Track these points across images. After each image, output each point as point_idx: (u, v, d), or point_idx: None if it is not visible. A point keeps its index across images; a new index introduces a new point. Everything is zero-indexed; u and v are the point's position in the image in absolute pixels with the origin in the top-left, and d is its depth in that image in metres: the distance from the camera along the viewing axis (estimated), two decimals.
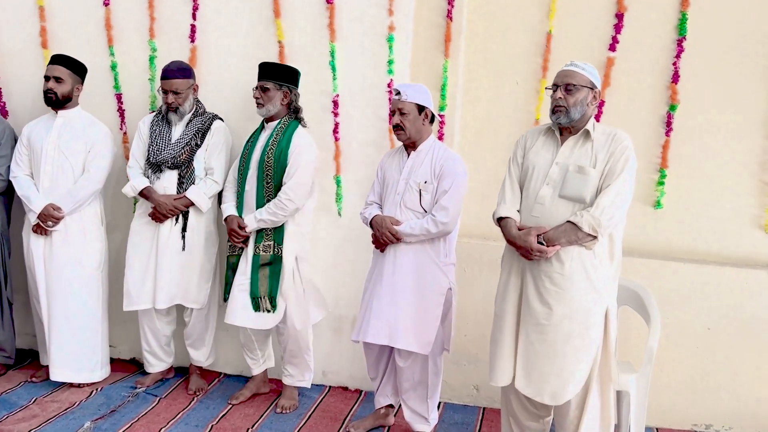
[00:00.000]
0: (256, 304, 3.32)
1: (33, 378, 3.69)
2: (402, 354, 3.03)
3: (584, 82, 2.60)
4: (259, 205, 3.33)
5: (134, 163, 3.56)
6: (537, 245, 2.54)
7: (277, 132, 3.34)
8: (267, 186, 3.31)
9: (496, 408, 3.55)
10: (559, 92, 2.61)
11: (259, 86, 3.33)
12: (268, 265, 3.33)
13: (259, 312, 3.33)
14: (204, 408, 3.47)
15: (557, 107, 2.61)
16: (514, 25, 3.63)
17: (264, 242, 3.33)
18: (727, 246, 3.51)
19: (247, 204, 3.37)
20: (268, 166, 3.29)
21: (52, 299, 3.51)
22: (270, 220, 3.30)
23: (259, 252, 3.34)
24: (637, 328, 3.22)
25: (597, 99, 2.66)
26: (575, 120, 2.61)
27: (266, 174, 3.30)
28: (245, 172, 3.37)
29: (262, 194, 3.32)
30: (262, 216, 3.29)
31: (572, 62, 2.66)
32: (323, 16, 3.58)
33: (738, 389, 3.40)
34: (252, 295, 3.32)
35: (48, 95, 3.48)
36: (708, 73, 3.46)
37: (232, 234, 3.36)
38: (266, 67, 3.35)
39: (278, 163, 3.29)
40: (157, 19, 3.75)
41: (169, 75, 3.44)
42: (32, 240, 3.52)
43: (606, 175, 2.54)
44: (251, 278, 3.32)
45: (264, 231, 3.33)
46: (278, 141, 3.31)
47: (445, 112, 3.60)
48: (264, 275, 3.33)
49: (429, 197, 2.98)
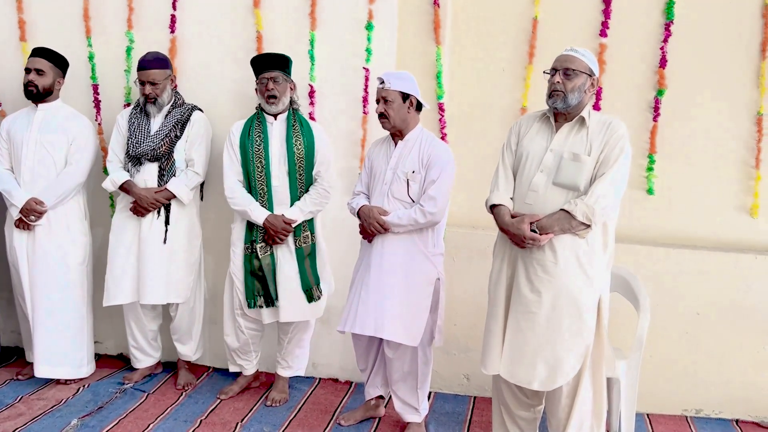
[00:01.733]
0: (309, 295, 3.32)
1: (19, 376, 3.65)
2: (390, 345, 3.01)
3: (583, 68, 2.58)
4: (294, 198, 3.29)
5: (114, 157, 3.50)
6: (530, 233, 2.53)
7: (294, 125, 3.29)
8: (300, 179, 3.29)
9: (487, 397, 3.55)
10: (558, 76, 2.58)
11: (270, 78, 3.22)
12: (309, 255, 3.34)
13: (312, 302, 3.32)
14: (193, 403, 3.44)
15: (555, 91, 2.58)
16: (501, 11, 3.60)
17: (303, 234, 3.32)
18: (715, 231, 3.52)
19: (278, 199, 3.29)
20: (300, 159, 3.26)
21: (36, 295, 3.46)
22: (316, 211, 3.31)
23: (300, 245, 3.32)
24: (627, 314, 3.22)
25: (594, 86, 2.63)
26: (572, 106, 2.58)
27: (298, 167, 3.27)
28: (267, 168, 3.27)
29: (295, 187, 3.29)
30: (309, 207, 3.28)
31: (572, 47, 2.64)
32: (305, 4, 3.53)
33: (727, 374, 3.41)
34: (305, 288, 3.31)
35: (28, 88, 3.41)
36: (695, 57, 3.44)
37: (281, 233, 3.24)
38: (272, 58, 3.25)
39: (309, 155, 3.27)
40: (136, 10, 3.69)
41: (146, 65, 3.38)
42: (15, 235, 3.47)
43: (600, 164, 2.52)
44: (300, 271, 3.30)
45: (300, 223, 3.30)
46: (303, 134, 3.28)
47: (443, 100, 3.56)
48: (308, 266, 3.33)
49: (417, 187, 2.95)
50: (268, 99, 3.24)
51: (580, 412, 2.61)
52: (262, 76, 3.24)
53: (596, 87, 2.65)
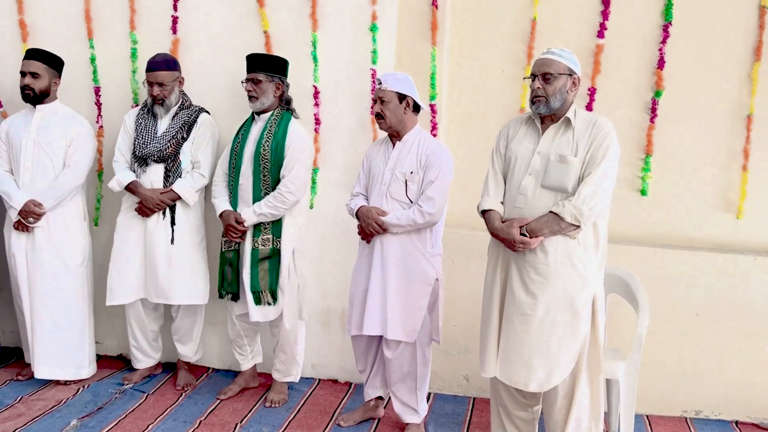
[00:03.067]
0: (257, 297, 3.31)
1: (18, 376, 3.65)
2: (390, 345, 3.02)
3: (562, 70, 2.56)
4: (256, 198, 3.28)
5: (120, 158, 3.52)
6: (520, 237, 2.53)
7: (271, 124, 3.29)
8: (264, 179, 3.27)
9: (487, 398, 3.54)
10: (537, 82, 2.57)
11: (250, 79, 3.26)
12: (267, 258, 3.31)
13: (260, 305, 3.31)
14: (192, 403, 3.44)
15: (536, 97, 2.58)
16: (499, 12, 3.61)
17: (262, 236, 3.30)
18: (713, 232, 3.51)
19: (242, 198, 3.32)
20: (265, 159, 3.25)
21: (35, 296, 3.46)
22: (270, 214, 3.26)
23: (257, 246, 3.30)
24: (626, 315, 3.22)
25: (577, 85, 2.62)
26: (555, 109, 2.58)
27: (263, 167, 3.26)
28: (238, 165, 3.31)
29: (259, 188, 3.28)
30: (262, 210, 3.25)
31: (549, 49, 2.62)
32: (305, 5, 3.54)
33: (727, 375, 3.41)
34: (253, 289, 3.30)
35: (25, 92, 3.42)
36: (692, 59, 3.44)
37: (229, 229, 3.30)
38: (256, 58, 3.28)
39: (275, 155, 3.25)
40: (138, 11, 3.70)
41: (155, 67, 3.39)
42: (14, 237, 3.47)
43: (587, 163, 2.52)
44: (251, 273, 3.30)
45: (262, 225, 3.30)
46: (274, 133, 3.27)
47: (435, 102, 3.57)
48: (264, 269, 3.31)
49: (415, 187, 2.96)
50: (249, 98, 3.29)
51: (577, 412, 2.61)
52: (246, 76, 3.29)
53: (578, 85, 2.63)
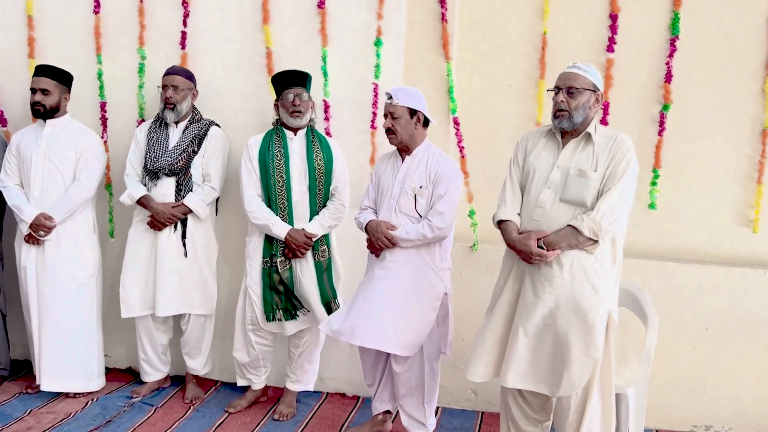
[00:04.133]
0: (328, 308, 3.34)
1: (28, 389, 3.66)
2: (398, 359, 3.01)
3: (586, 85, 2.57)
4: (313, 213, 3.33)
5: (131, 171, 3.54)
6: (537, 249, 2.52)
7: (313, 141, 3.33)
8: (319, 194, 3.33)
9: (495, 412, 3.54)
10: (561, 95, 2.57)
11: (297, 94, 3.26)
12: (326, 269, 3.38)
13: (331, 315, 3.31)
14: (200, 417, 3.44)
15: (559, 111, 2.58)
16: (508, 26, 3.62)
17: (321, 248, 3.36)
18: (722, 245, 3.50)
19: (298, 214, 3.32)
20: (321, 174, 3.30)
21: (45, 308, 3.48)
22: (333, 225, 3.36)
23: (319, 259, 3.35)
24: (635, 329, 3.20)
25: (600, 101, 2.61)
26: (578, 124, 2.58)
27: (318, 182, 3.31)
28: (288, 182, 3.29)
29: (315, 202, 3.33)
30: (328, 222, 3.32)
31: (575, 64, 2.62)
32: (315, 21, 3.57)
33: (737, 389, 3.39)
34: (324, 301, 3.33)
35: (36, 108, 3.45)
36: (700, 72, 3.45)
37: (303, 247, 3.26)
38: (297, 74, 3.28)
39: (328, 171, 3.32)
40: (147, 27, 3.73)
41: (172, 71, 3.47)
42: (24, 250, 3.50)
43: (607, 179, 2.52)
44: (319, 285, 3.34)
45: (318, 238, 3.34)
46: (322, 150, 3.33)
47: (456, 114, 3.59)
48: (326, 280, 3.37)
49: (424, 202, 2.97)
50: (293, 113, 3.26)
51: (588, 427, 2.59)
52: (287, 92, 3.27)
53: (601, 102, 2.63)
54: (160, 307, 3.48)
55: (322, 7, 3.53)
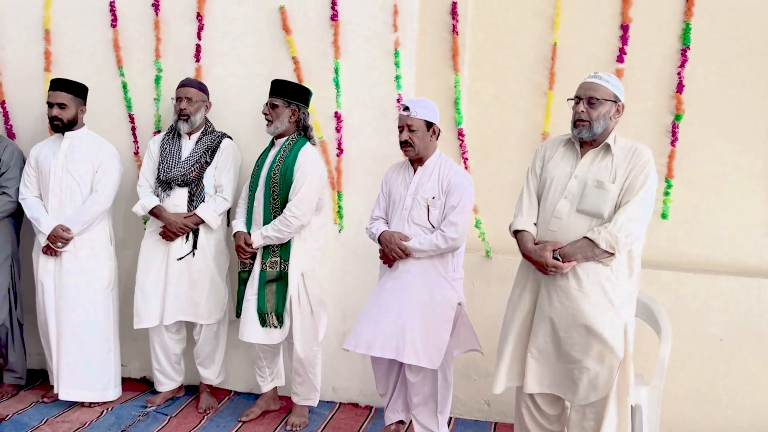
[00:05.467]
0: (263, 319, 3.32)
1: (44, 398, 3.69)
2: (413, 369, 3.02)
3: (608, 96, 2.55)
4: (266, 221, 3.33)
5: (144, 182, 3.59)
6: (552, 260, 2.51)
7: (285, 148, 3.35)
8: (273, 202, 3.32)
9: (508, 423, 3.53)
10: (582, 105, 2.56)
11: (268, 102, 3.35)
12: (275, 281, 3.34)
13: (266, 327, 3.33)
14: (214, 426, 3.46)
15: (579, 121, 2.56)
16: (519, 38, 3.65)
17: (271, 258, 3.34)
18: (736, 256, 3.49)
19: (255, 220, 3.38)
20: (275, 182, 3.30)
21: (62, 319, 3.51)
22: (275, 237, 3.30)
23: (266, 268, 3.34)
24: (649, 340, 3.20)
25: (620, 113, 2.60)
26: (597, 134, 2.56)
27: (272, 190, 3.31)
28: (254, 188, 3.39)
29: (269, 210, 3.33)
30: (268, 233, 3.29)
31: (596, 74, 2.61)
32: (328, 33, 3.61)
33: (751, 400, 3.37)
34: (259, 311, 3.32)
35: (54, 123, 3.51)
36: (713, 81, 3.45)
37: (239, 250, 3.38)
38: (277, 84, 3.36)
39: (284, 179, 3.29)
40: (163, 40, 3.79)
41: (186, 83, 3.53)
42: (42, 261, 3.54)
43: (625, 191, 2.50)
44: (258, 294, 3.33)
45: (271, 247, 3.34)
46: (285, 157, 3.32)
47: (462, 126, 3.60)
48: (271, 291, 3.33)
49: (437, 212, 2.99)
50: (266, 122, 3.37)
51: None
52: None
53: (621, 113, 2.61)
54: (168, 316, 3.51)
55: (335, 19, 3.57)
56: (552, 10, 3.57)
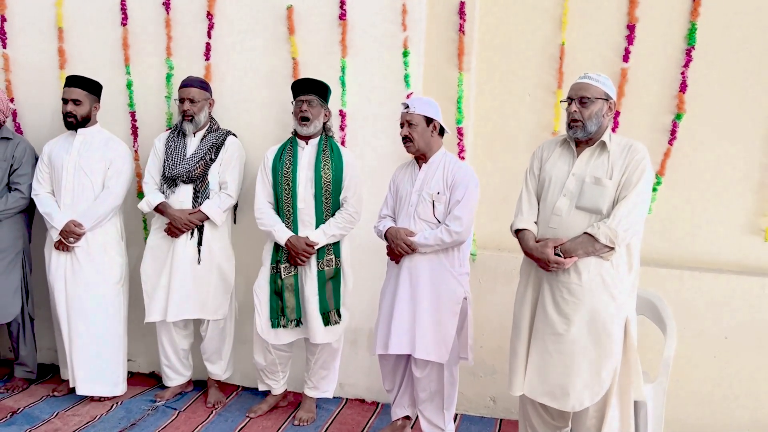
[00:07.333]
0: (326, 318, 3.36)
1: (55, 392, 3.74)
2: (419, 364, 3.05)
3: (598, 94, 2.61)
4: (319, 221, 3.35)
5: (150, 179, 3.62)
6: (554, 257, 2.56)
7: (324, 149, 3.36)
8: (326, 202, 3.34)
9: (513, 419, 3.55)
10: (574, 105, 2.61)
11: (305, 100, 3.31)
12: (332, 279, 3.38)
13: (329, 326, 3.36)
14: (223, 421, 3.50)
15: (573, 121, 2.62)
16: (526, 37, 3.66)
17: (326, 257, 3.37)
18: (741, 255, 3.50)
19: (303, 222, 3.35)
20: (327, 183, 3.32)
21: (75, 314, 3.56)
22: (340, 234, 3.35)
23: (323, 267, 3.36)
24: (653, 337, 3.21)
25: (612, 110, 2.65)
26: (591, 133, 2.62)
27: (325, 191, 3.33)
28: (293, 190, 3.34)
29: (321, 210, 3.35)
30: (333, 231, 3.33)
31: (586, 74, 2.67)
32: (335, 32, 3.64)
33: (756, 398, 3.37)
34: (322, 311, 3.35)
35: (68, 119, 3.55)
36: (715, 81, 3.46)
37: (302, 254, 3.30)
38: (310, 82, 3.33)
39: (336, 179, 3.33)
40: (174, 38, 3.83)
41: (188, 84, 3.54)
42: (54, 256, 3.59)
43: (622, 186, 2.55)
44: (319, 294, 3.35)
45: (324, 247, 3.36)
46: (331, 159, 3.34)
47: (462, 125, 3.63)
48: (330, 289, 3.38)
49: (442, 208, 3.02)
50: (301, 120, 3.32)
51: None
52: (298, 99, 3.34)
53: (614, 110, 2.67)
54: (171, 313, 3.53)
55: (343, 18, 3.60)
56: (559, 9, 3.59)
